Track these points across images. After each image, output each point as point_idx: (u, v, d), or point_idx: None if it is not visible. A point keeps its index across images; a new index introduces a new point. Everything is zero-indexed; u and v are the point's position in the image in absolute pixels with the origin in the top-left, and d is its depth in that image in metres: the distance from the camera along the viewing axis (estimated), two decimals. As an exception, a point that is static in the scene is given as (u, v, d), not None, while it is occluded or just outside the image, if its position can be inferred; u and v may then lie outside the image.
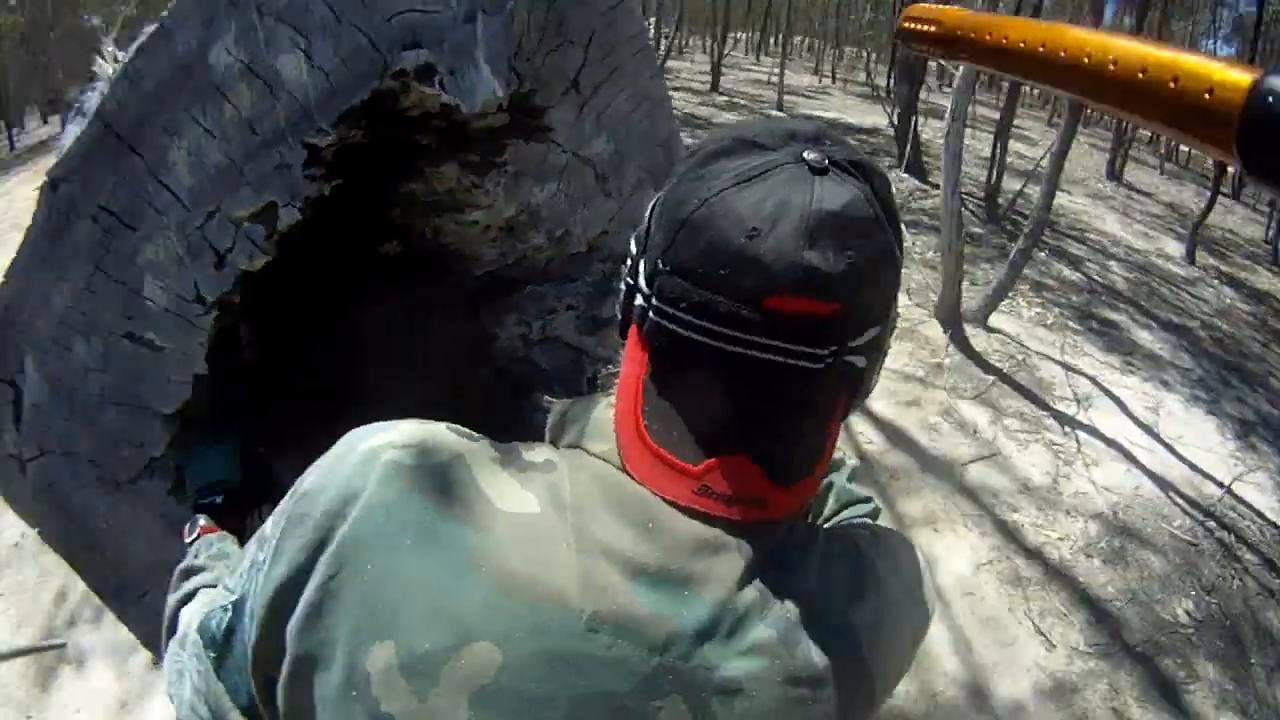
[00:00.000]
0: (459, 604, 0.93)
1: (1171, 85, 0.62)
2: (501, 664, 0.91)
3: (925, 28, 1.04)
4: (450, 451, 1.02)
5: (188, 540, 1.84)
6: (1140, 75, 0.65)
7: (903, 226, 1.07)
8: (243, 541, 1.61)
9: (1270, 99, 0.56)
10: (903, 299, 7.09)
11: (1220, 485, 7.67)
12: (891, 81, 22.32)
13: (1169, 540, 6.82)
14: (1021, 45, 0.82)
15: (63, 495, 2.19)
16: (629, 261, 1.11)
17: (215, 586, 1.20)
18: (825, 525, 1.48)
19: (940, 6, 1.01)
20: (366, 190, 2.50)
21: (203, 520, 1.91)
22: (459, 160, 2.43)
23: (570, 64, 2.36)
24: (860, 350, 1.03)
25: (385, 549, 0.95)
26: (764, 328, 0.96)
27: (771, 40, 48.50)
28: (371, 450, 1.01)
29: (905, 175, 15.10)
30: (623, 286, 1.12)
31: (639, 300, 1.06)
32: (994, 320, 9.77)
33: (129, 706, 4.43)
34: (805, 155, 0.98)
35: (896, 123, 16.24)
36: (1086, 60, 0.71)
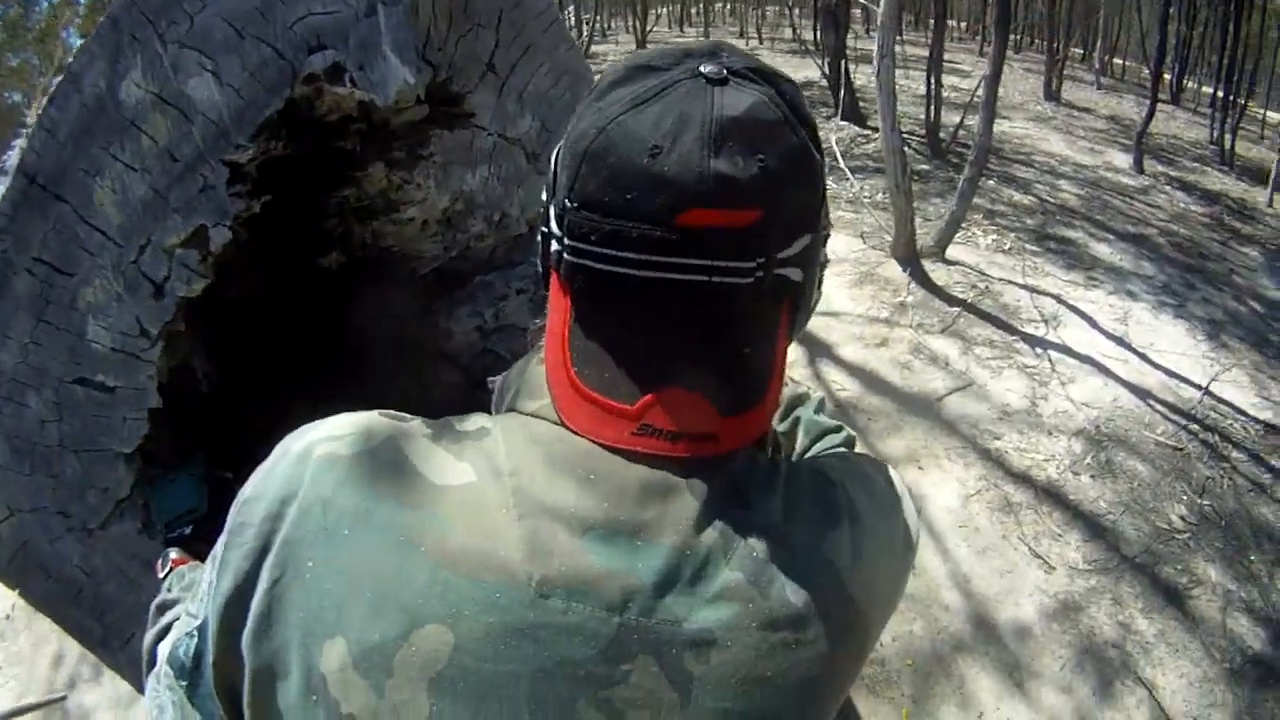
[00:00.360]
0: (403, 588, 0.89)
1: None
2: (454, 645, 0.88)
3: None
4: (382, 435, 0.99)
5: (160, 575, 1.82)
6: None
7: (819, 131, 1.03)
8: None
9: None
10: (857, 243, 7.18)
11: (1198, 387, 7.72)
12: (817, 33, 22.37)
13: (1154, 448, 6.86)
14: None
15: (37, 552, 2.19)
16: (541, 211, 1.06)
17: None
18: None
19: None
20: (298, 204, 2.49)
21: (174, 553, 1.89)
22: (385, 159, 2.43)
23: (483, 47, 2.36)
24: (793, 261, 1.00)
25: (325, 544, 0.92)
26: (681, 247, 0.93)
27: (693, 10, 48.60)
28: (304, 449, 0.99)
29: (844, 123, 15.16)
30: (539, 238, 1.08)
31: (554, 246, 1.02)
32: (951, 253, 9.79)
33: (137, 756, 4.44)
34: (702, 69, 0.96)
35: (828, 72, 16.23)
36: None
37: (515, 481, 0.95)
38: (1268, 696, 5.01)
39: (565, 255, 1.00)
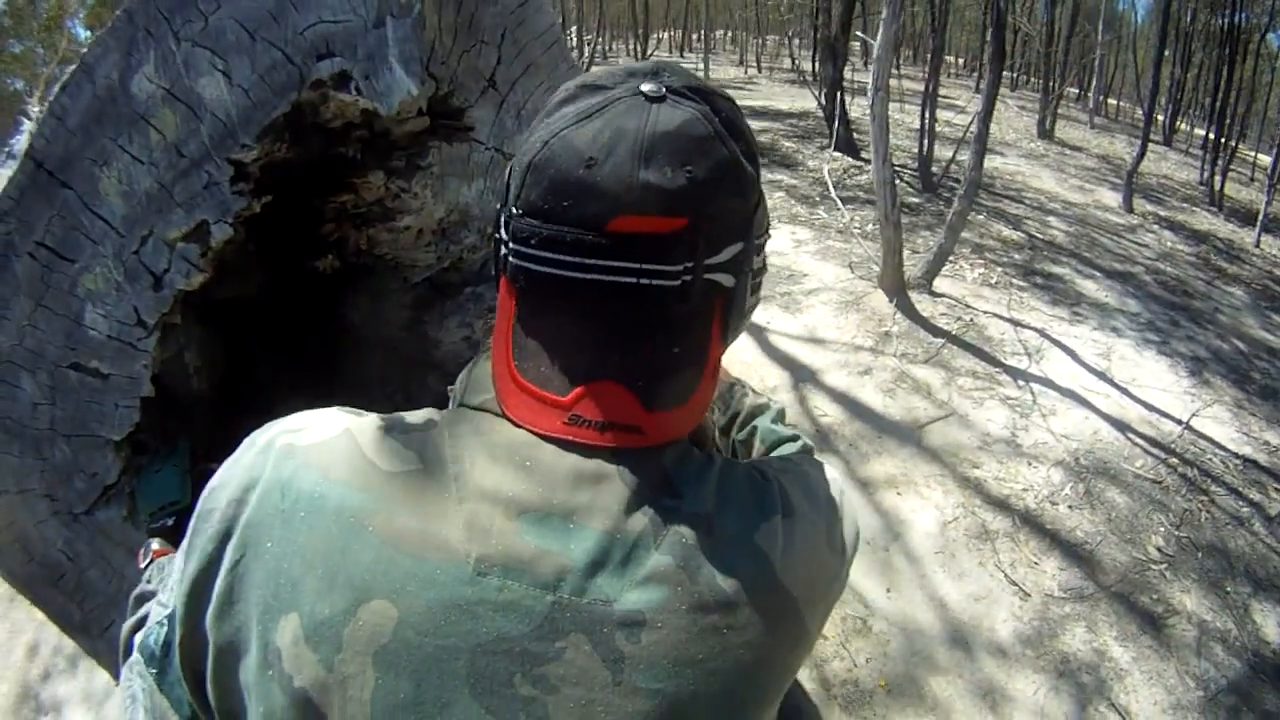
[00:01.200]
0: (351, 566, 0.94)
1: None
2: (398, 619, 0.93)
3: None
4: (338, 427, 1.05)
5: (141, 565, 1.85)
6: None
7: (756, 146, 1.10)
8: None
9: None
10: (845, 272, 7.23)
11: (1179, 422, 7.75)
12: (815, 64, 22.41)
13: (1133, 480, 6.89)
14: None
15: (22, 533, 2.20)
16: (495, 221, 1.12)
17: None
18: None
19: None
20: (296, 207, 2.52)
21: (156, 544, 1.91)
22: (384, 168, 2.45)
23: (485, 63, 2.41)
24: (722, 268, 1.06)
25: (282, 525, 0.97)
26: (611, 251, 0.99)
27: (694, 36, 48.58)
28: (268, 440, 1.05)
29: (838, 154, 15.13)
30: (493, 245, 1.14)
31: (503, 251, 1.07)
32: (938, 285, 9.82)
33: (106, 749, 4.44)
34: (642, 88, 1.02)
35: (824, 103, 16.27)
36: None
37: (457, 468, 1.01)
38: (1242, 726, 5.04)
39: (510, 258, 1.06)
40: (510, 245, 1.06)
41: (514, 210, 1.05)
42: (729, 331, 1.13)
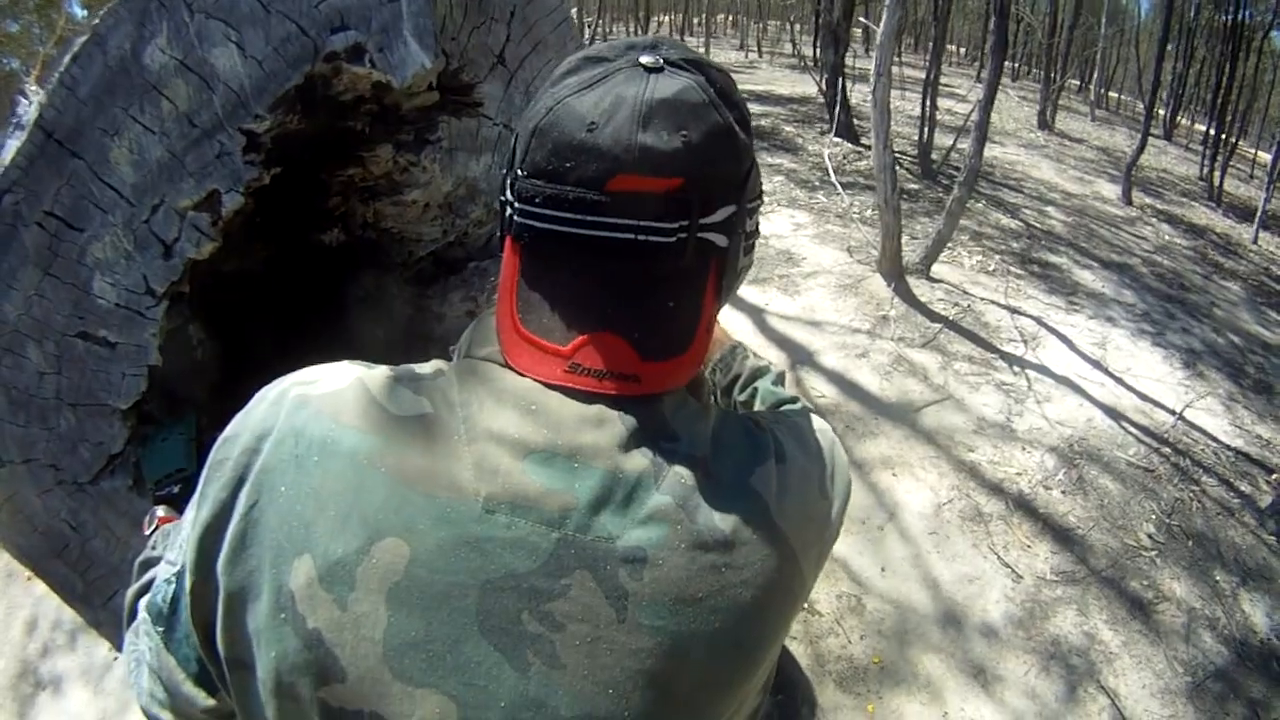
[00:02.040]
0: (364, 505, 0.98)
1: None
2: (410, 556, 0.96)
3: None
4: (350, 377, 1.08)
5: (146, 532, 1.88)
6: None
7: (748, 115, 1.15)
8: None
9: None
10: (844, 256, 7.28)
11: (1172, 413, 7.78)
12: (817, 50, 22.34)
13: (1126, 468, 6.92)
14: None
15: (26, 504, 2.20)
16: (501, 184, 1.17)
17: None
18: None
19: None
20: (304, 180, 2.53)
21: (161, 511, 1.92)
22: (393, 141, 2.47)
23: (494, 40, 2.44)
24: (716, 228, 1.10)
25: (295, 470, 1.00)
26: (611, 209, 1.03)
27: (695, 20, 48.39)
28: (280, 392, 1.08)
29: (838, 140, 15.10)
30: (498, 207, 1.17)
31: (508, 212, 1.12)
32: (936, 271, 9.84)
33: (107, 723, 4.44)
34: (641, 60, 1.07)
35: (825, 89, 16.25)
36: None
37: (465, 412, 1.04)
38: (1229, 711, 5.08)
39: (515, 217, 1.10)
40: (515, 205, 1.10)
41: (519, 172, 1.09)
42: (723, 290, 1.17)
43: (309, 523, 0.98)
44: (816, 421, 1.31)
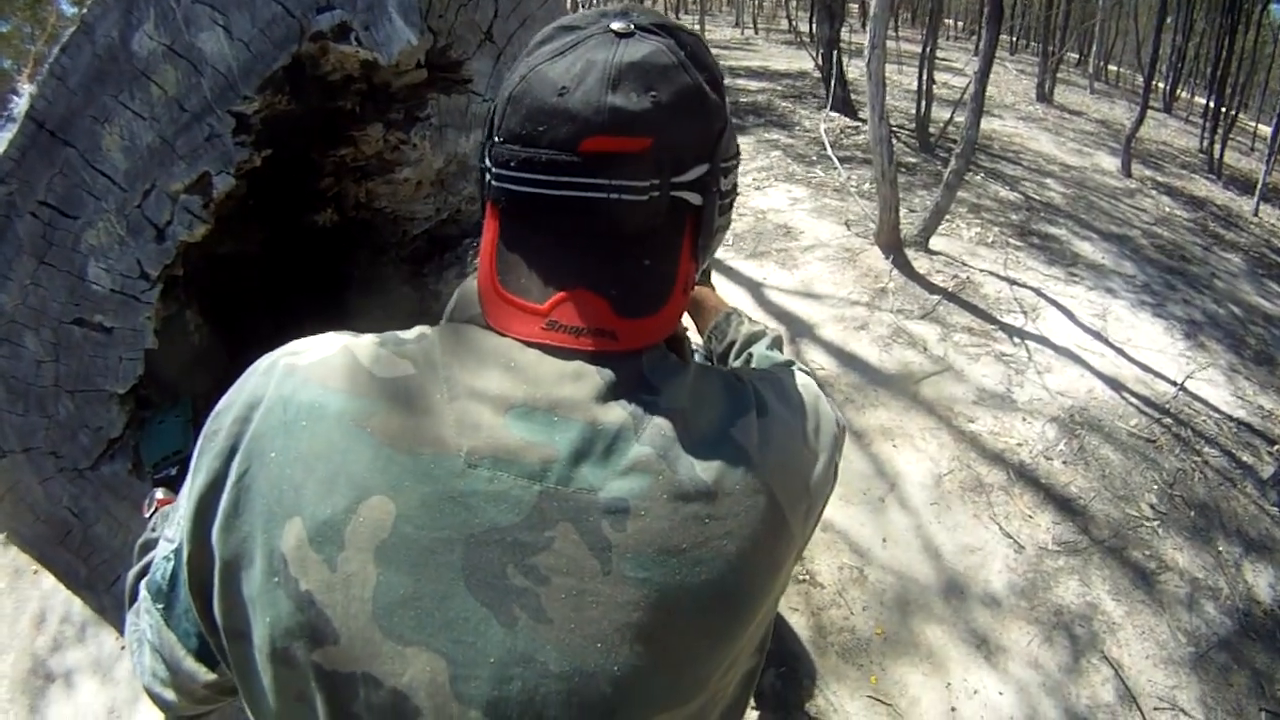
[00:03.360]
0: (351, 466, 0.99)
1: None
2: (397, 513, 0.97)
3: None
4: (337, 345, 1.10)
5: (146, 514, 1.88)
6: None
7: (720, 76, 1.19)
8: None
9: None
10: (841, 229, 7.27)
11: (1173, 383, 7.77)
12: (813, 25, 22.40)
13: (1127, 438, 6.90)
14: None
15: (28, 492, 2.22)
16: (479, 152, 1.20)
17: None
18: None
19: None
20: (295, 162, 2.55)
21: (160, 493, 1.92)
22: (383, 120, 2.52)
23: (482, 17, 2.47)
24: (689, 186, 1.13)
25: (284, 435, 1.02)
26: (583, 169, 1.06)
27: (689, -1, 48.48)
28: (270, 363, 1.11)
29: (834, 114, 15.15)
30: (478, 174, 1.20)
31: (486, 177, 1.16)
32: (934, 243, 9.82)
33: (116, 713, 4.43)
34: (612, 25, 1.10)
35: (821, 63, 16.26)
36: None
37: (447, 372, 1.06)
38: (1233, 682, 5.07)
39: (492, 182, 1.13)
40: (492, 170, 1.13)
41: (495, 139, 1.14)
42: (699, 249, 1.19)
43: (298, 486, 0.98)
44: (800, 376, 1.33)
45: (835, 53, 15.15)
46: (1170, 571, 5.73)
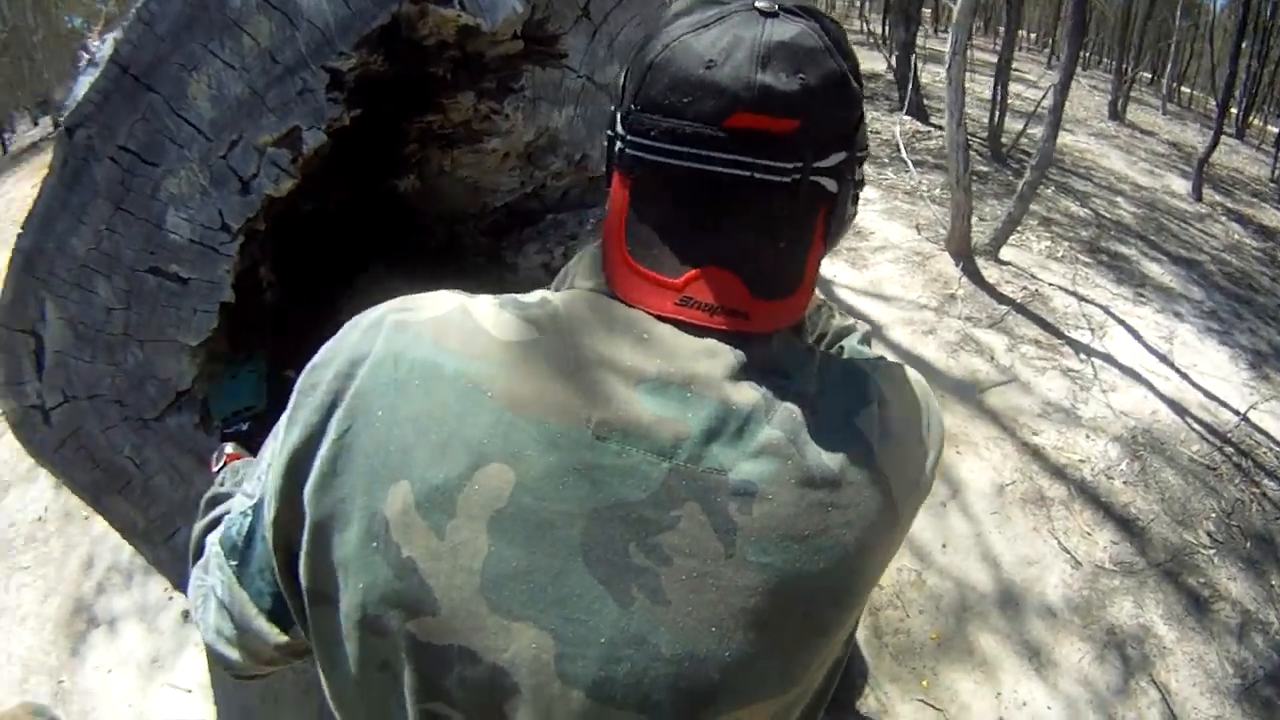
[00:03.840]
0: (468, 430, 0.98)
1: None
2: (516, 483, 0.96)
3: None
4: (452, 303, 1.09)
5: (214, 469, 1.88)
6: None
7: (859, 67, 1.17)
8: None
9: None
10: (912, 233, 7.25)
11: (1236, 413, 7.67)
12: (885, 27, 22.27)
13: (1188, 463, 6.83)
14: None
15: (89, 439, 2.23)
16: (610, 120, 1.19)
17: None
18: None
19: None
20: (382, 125, 2.55)
21: (229, 448, 1.92)
22: (475, 89, 2.51)
23: None
24: (827, 172, 1.11)
25: (395, 394, 1.00)
26: (728, 145, 1.05)
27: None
28: (376, 318, 1.08)
29: (906, 118, 14.99)
30: (605, 143, 1.19)
31: (618, 146, 1.14)
32: (1004, 254, 9.72)
33: (160, 662, 4.46)
34: (756, 4, 1.08)
35: (895, 66, 16.16)
36: None
37: (574, 339, 1.04)
38: (1277, 717, 5.04)
39: (626, 150, 1.12)
40: (628, 138, 1.12)
41: (632, 106, 1.11)
42: (830, 236, 1.18)
43: (407, 448, 0.97)
44: (911, 372, 1.31)
45: (911, 56, 15.06)
46: (1223, 601, 5.69)
